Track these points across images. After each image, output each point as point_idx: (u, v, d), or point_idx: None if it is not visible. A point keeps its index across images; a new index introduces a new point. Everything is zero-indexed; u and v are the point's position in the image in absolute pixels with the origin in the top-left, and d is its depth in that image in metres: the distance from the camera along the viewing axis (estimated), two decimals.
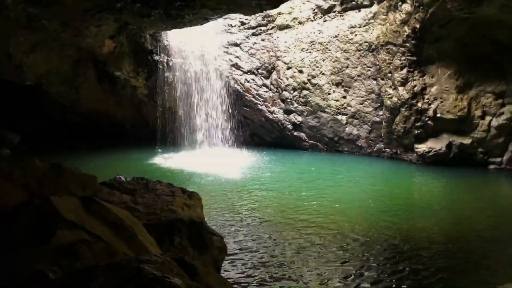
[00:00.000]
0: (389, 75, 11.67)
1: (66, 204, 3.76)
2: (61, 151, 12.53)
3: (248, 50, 13.26)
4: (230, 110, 13.51)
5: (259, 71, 13.31)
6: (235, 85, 13.30)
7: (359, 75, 12.35)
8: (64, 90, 13.44)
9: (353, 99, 12.50)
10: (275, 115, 13.34)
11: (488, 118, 10.95)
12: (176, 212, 5.18)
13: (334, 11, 12.58)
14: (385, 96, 11.82)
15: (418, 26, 10.73)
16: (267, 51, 13.17)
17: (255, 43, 13.22)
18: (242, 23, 13.20)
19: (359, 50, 12.22)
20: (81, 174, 4.65)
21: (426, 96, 11.29)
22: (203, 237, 4.72)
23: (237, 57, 13.27)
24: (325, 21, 12.65)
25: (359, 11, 12.24)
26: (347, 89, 12.54)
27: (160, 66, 13.04)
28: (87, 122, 14.74)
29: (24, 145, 11.93)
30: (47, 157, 10.99)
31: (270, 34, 13.13)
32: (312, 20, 12.79)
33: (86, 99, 13.98)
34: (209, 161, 11.79)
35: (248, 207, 8.09)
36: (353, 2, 12.29)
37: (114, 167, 11.02)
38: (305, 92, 12.90)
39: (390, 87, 11.68)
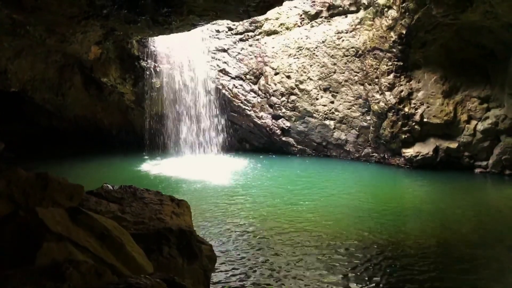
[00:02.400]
0: (376, 80, 11.75)
1: (52, 215, 3.70)
2: (48, 158, 12.39)
3: (236, 55, 13.26)
4: (218, 116, 13.47)
5: (247, 76, 13.31)
6: (223, 91, 13.28)
7: (346, 80, 12.42)
8: (50, 97, 13.28)
9: (340, 104, 12.56)
10: (263, 121, 13.34)
11: (473, 122, 11.09)
12: (165, 221, 5.13)
13: (321, 17, 12.65)
14: (372, 101, 11.90)
15: (404, 31, 10.84)
16: (255, 56, 13.19)
17: (242, 48, 13.23)
18: (230, 29, 13.20)
19: (346, 56, 12.30)
20: (68, 184, 4.57)
21: (413, 101, 11.39)
22: (192, 246, 4.68)
23: (225, 62, 13.26)
24: (312, 26, 12.71)
25: (346, 17, 12.33)
26: (335, 94, 12.61)
27: (147, 72, 12.97)
28: (74, 128, 14.59)
29: (9, 153, 11.75)
30: (33, 164, 10.90)
31: (257, 39, 13.15)
32: (299, 26, 12.85)
33: (73, 105, 13.84)
34: (197, 167, 11.74)
35: (237, 214, 8.06)
36: (340, 8, 12.37)
37: (101, 174, 10.92)
38: (293, 97, 12.94)
39: (377, 92, 11.77)
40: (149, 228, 4.82)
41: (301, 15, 12.83)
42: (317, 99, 12.74)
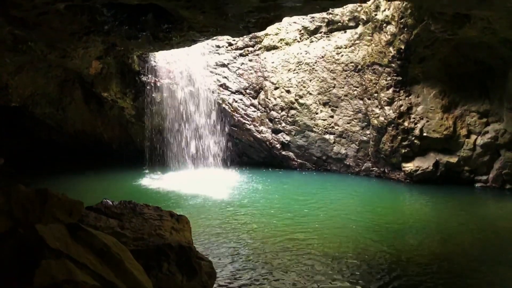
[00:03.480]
0: (376, 95, 11.81)
1: (51, 231, 3.69)
2: (48, 172, 12.38)
3: (236, 70, 13.34)
4: (218, 130, 13.50)
5: (247, 91, 13.38)
6: (223, 105, 13.33)
7: (345, 95, 12.48)
8: (50, 111, 13.33)
9: (340, 118, 12.60)
10: (263, 135, 13.37)
11: (473, 137, 11.11)
12: (164, 236, 5.12)
13: (320, 32, 12.76)
14: (372, 115, 11.94)
15: (403, 47, 10.93)
16: (255, 71, 13.27)
17: (242, 63, 13.32)
18: (230, 44, 13.31)
19: (346, 70, 12.38)
20: (68, 199, 4.57)
21: (412, 116, 11.43)
22: (192, 262, 4.66)
23: (225, 77, 13.34)
24: (311, 42, 12.82)
25: (345, 32, 12.44)
26: (334, 108, 12.65)
27: (148, 87, 13.03)
28: (74, 143, 14.60)
29: (9, 168, 11.75)
30: (33, 179, 10.89)
31: (257, 54, 13.25)
32: (298, 41, 12.95)
33: (73, 120, 13.88)
34: (197, 182, 11.72)
35: (237, 229, 8.03)
36: (339, 24, 12.49)
37: (101, 189, 10.91)
38: (292, 111, 12.98)
39: (377, 106, 11.81)
40: (149, 244, 4.81)
41: (300, 31, 12.95)
42: (316, 113, 12.78)
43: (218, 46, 13.32)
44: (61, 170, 12.76)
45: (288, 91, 12.97)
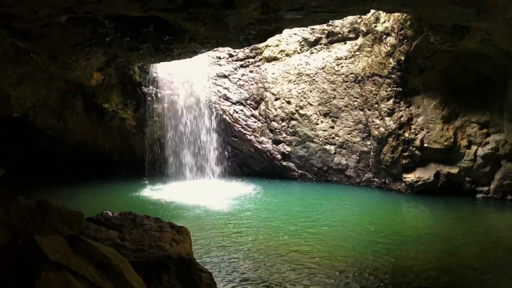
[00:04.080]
0: (376, 105, 11.83)
1: (51, 243, 3.68)
2: (48, 183, 12.38)
3: (237, 81, 13.40)
4: (219, 141, 13.52)
5: (248, 102, 13.42)
6: (224, 116, 13.37)
7: (346, 106, 12.51)
8: (51, 122, 13.37)
9: (340, 129, 12.62)
10: (264, 145, 13.38)
11: (474, 147, 11.10)
12: (164, 248, 5.10)
13: (320, 44, 12.84)
14: (372, 126, 11.95)
15: (402, 58, 10.97)
16: (255, 82, 13.32)
17: (243, 74, 13.38)
18: (230, 55, 13.38)
19: (346, 81, 12.42)
20: (68, 211, 4.57)
21: (413, 126, 11.44)
22: (192, 274, 4.63)
23: (226, 88, 13.39)
24: (311, 53, 12.88)
25: (345, 43, 12.50)
26: (335, 119, 12.68)
27: (149, 98, 13.08)
28: (75, 154, 14.62)
29: (10, 178, 11.74)
30: (33, 190, 10.88)
31: (258, 66, 13.31)
32: (299, 53, 13.02)
33: (74, 131, 13.92)
34: (198, 192, 11.71)
35: (238, 240, 8.00)
36: (339, 35, 12.56)
37: (102, 200, 10.89)
38: (293, 122, 13.00)
39: (377, 117, 11.83)
40: (149, 256, 4.79)
41: (300, 42, 13.02)
42: (317, 124, 12.81)
43: (219, 57, 13.40)
44: (62, 181, 12.76)
45: (288, 102, 13.01)
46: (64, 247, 3.71)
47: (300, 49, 13.03)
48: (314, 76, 12.75)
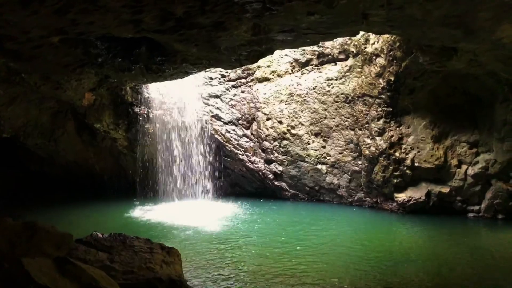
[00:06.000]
0: (367, 125, 11.93)
1: (38, 266, 3.63)
2: (38, 204, 12.25)
3: (229, 101, 13.47)
4: (211, 161, 13.51)
5: (240, 121, 13.46)
6: (216, 136, 13.38)
7: (337, 126, 12.59)
8: (42, 142, 13.29)
9: (332, 148, 12.67)
10: (256, 165, 13.37)
11: (464, 167, 11.18)
12: (154, 270, 5.04)
13: (311, 65, 12.99)
14: (363, 146, 12.02)
15: (392, 78, 11.12)
16: (247, 102, 13.40)
17: (235, 94, 13.46)
18: (222, 76, 13.48)
19: (336, 102, 12.53)
20: (56, 232, 4.52)
21: (403, 146, 11.52)
22: None
23: (218, 108, 13.44)
24: (302, 74, 13.03)
25: (335, 64, 12.67)
26: (326, 139, 12.74)
27: (141, 118, 13.09)
28: (65, 174, 14.50)
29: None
30: (23, 211, 10.74)
31: (249, 86, 13.41)
32: (290, 73, 13.16)
33: (65, 151, 13.83)
34: (189, 213, 11.62)
35: (229, 261, 7.92)
36: (329, 56, 12.73)
37: (92, 221, 10.78)
38: (285, 142, 13.05)
39: (368, 137, 11.91)
40: (139, 278, 4.74)
41: (292, 63, 13.18)
42: (308, 143, 12.86)
43: (211, 78, 13.49)
44: (52, 202, 12.64)
45: (280, 122, 13.07)
46: (51, 270, 3.66)
47: (291, 70, 13.18)
48: (305, 96, 12.87)
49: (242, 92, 13.44)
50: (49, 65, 9.39)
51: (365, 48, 11.71)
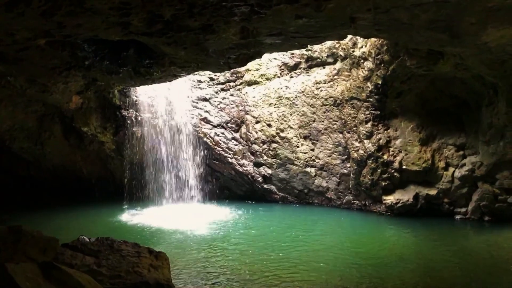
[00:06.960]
0: (355, 128, 11.99)
1: (23, 271, 3.57)
2: (25, 208, 12.08)
3: (218, 104, 13.44)
4: (200, 164, 13.46)
5: (229, 125, 13.45)
6: (205, 139, 13.35)
7: (325, 129, 12.65)
8: (28, 146, 13.12)
9: (321, 151, 12.72)
10: (245, 168, 13.36)
11: (451, 169, 11.29)
12: (142, 274, 5.00)
13: (300, 68, 13.04)
14: (352, 148, 12.08)
15: (380, 82, 11.20)
16: (236, 105, 13.39)
17: (224, 98, 13.44)
18: (211, 79, 13.46)
19: (325, 105, 12.59)
20: (42, 237, 4.46)
21: (391, 149, 11.60)
22: None
23: (207, 111, 13.41)
24: (291, 77, 13.07)
25: (324, 68, 12.73)
26: (315, 142, 12.79)
27: (129, 121, 13.00)
28: (53, 178, 14.33)
29: None
30: (9, 215, 10.59)
31: (239, 89, 13.41)
32: (279, 77, 13.20)
33: (52, 155, 13.66)
34: (178, 217, 11.56)
35: (218, 265, 7.89)
36: (318, 60, 12.79)
37: (79, 225, 10.66)
38: (274, 145, 13.06)
39: (356, 140, 11.97)
40: (126, 282, 4.69)
41: (280, 66, 13.21)
42: (297, 146, 12.89)
43: (200, 81, 13.46)
44: (39, 206, 12.47)
45: (269, 125, 13.09)
46: (36, 275, 3.61)
47: (280, 73, 13.21)
48: (294, 99, 12.90)
49: (231, 95, 13.43)
50: (36, 68, 9.31)
51: (353, 51, 11.79)
